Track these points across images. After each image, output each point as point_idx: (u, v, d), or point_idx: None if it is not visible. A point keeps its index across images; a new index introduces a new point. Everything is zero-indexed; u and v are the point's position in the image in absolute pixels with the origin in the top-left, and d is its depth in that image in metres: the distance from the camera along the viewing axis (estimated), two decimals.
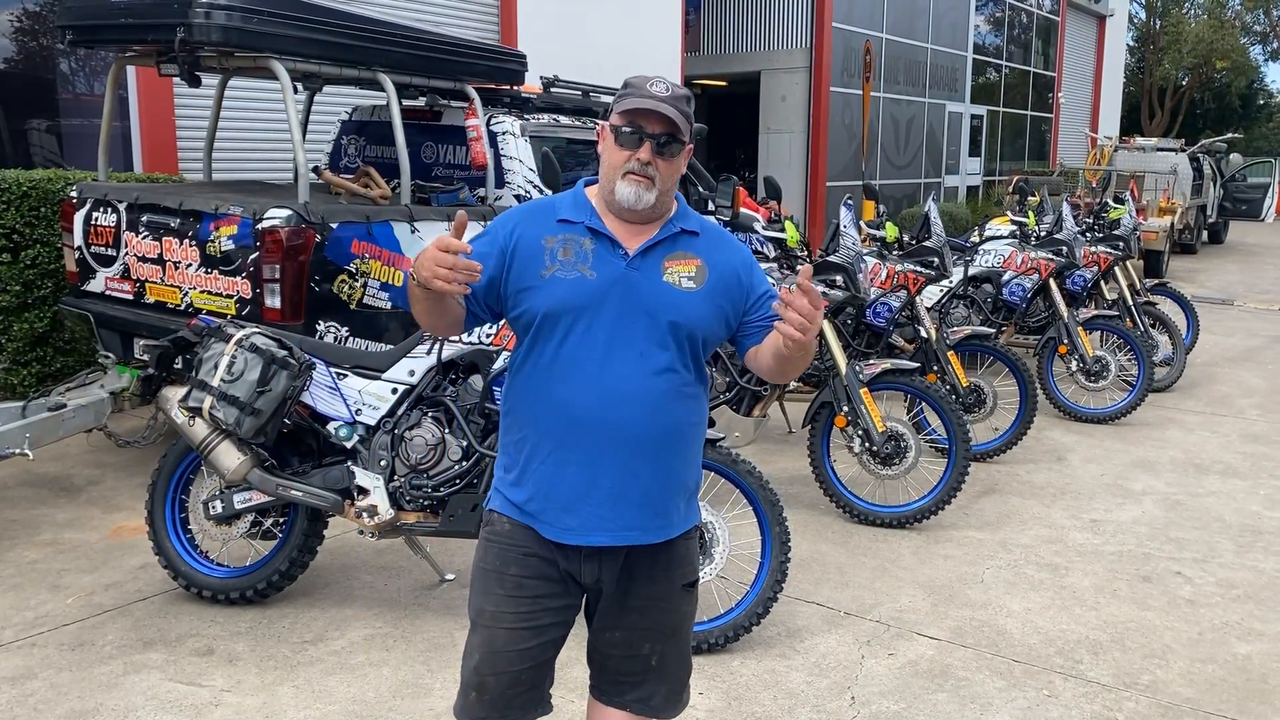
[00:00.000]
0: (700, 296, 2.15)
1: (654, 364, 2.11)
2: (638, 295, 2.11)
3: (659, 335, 2.11)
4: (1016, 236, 7.49)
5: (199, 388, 3.65)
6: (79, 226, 5.53)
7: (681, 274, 2.15)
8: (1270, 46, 41.36)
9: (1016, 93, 22.61)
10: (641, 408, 2.11)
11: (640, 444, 2.12)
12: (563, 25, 10.59)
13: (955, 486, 4.92)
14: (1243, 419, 7.19)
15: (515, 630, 2.16)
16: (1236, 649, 3.82)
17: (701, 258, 2.18)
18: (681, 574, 2.26)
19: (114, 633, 3.73)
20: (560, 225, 2.15)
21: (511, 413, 2.20)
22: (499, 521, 2.20)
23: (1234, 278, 15.48)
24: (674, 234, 2.17)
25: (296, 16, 5.07)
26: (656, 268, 2.14)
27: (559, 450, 2.12)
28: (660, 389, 2.12)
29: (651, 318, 2.11)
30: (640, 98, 2.10)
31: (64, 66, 7.86)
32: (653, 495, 2.15)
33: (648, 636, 2.25)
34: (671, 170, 2.14)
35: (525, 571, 2.16)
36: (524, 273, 2.12)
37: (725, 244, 2.25)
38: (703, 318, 2.15)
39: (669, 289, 2.13)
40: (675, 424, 2.15)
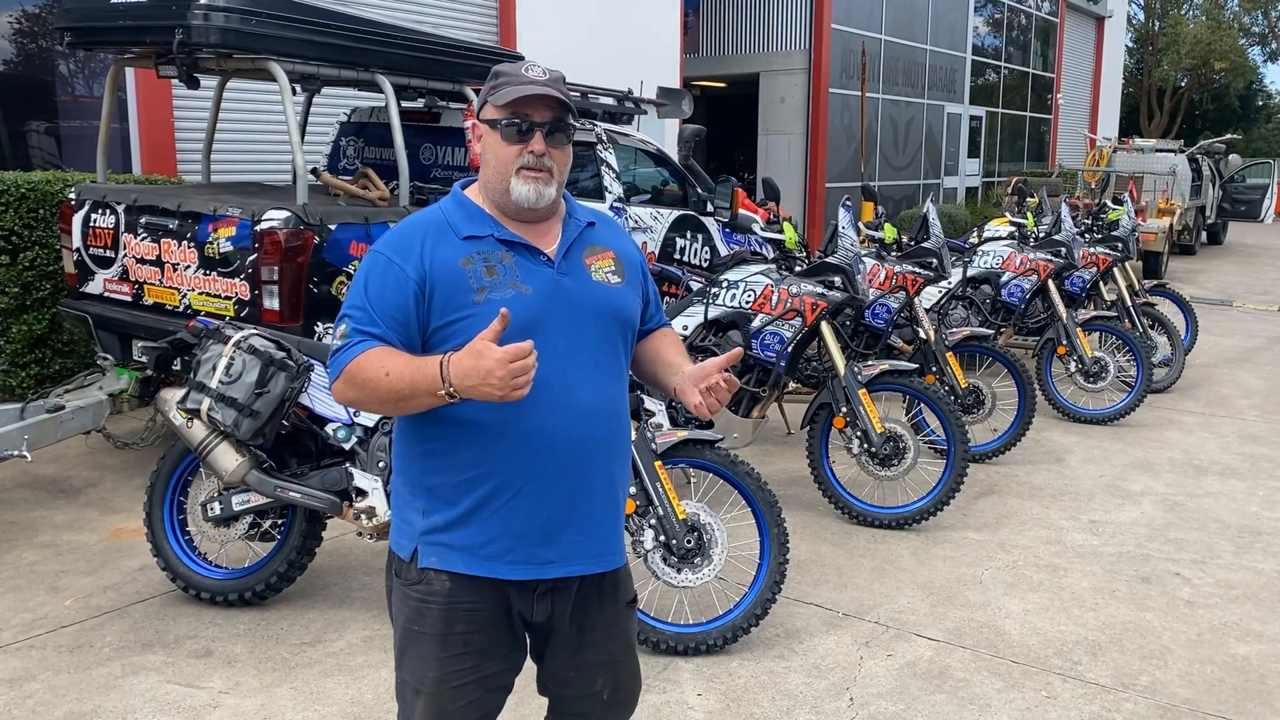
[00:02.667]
0: (627, 289, 2.06)
1: (609, 372, 2.01)
2: (577, 301, 1.97)
3: (608, 340, 2.00)
4: (1015, 238, 7.49)
5: (197, 389, 3.64)
6: (77, 228, 5.53)
7: (605, 269, 2.03)
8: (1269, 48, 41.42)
9: (1015, 94, 22.63)
10: (609, 421, 2.00)
11: (613, 460, 2.03)
12: (561, 26, 10.60)
13: (954, 487, 4.92)
14: (1241, 420, 7.19)
15: (464, 687, 2.00)
16: (1235, 650, 3.82)
17: (612, 249, 2.08)
18: (625, 593, 2.15)
19: (112, 634, 3.73)
20: (468, 243, 1.94)
21: (449, 452, 1.94)
22: (436, 580, 1.96)
23: (1233, 279, 15.48)
24: (581, 229, 2.05)
25: (295, 18, 5.07)
26: (581, 268, 2.01)
27: (531, 483, 1.93)
28: (618, 398, 2.03)
29: (598, 322, 1.98)
30: (520, 85, 1.93)
31: (63, 68, 7.86)
32: (618, 513, 2.07)
33: (601, 670, 2.12)
34: (565, 159, 1.99)
35: (472, 627, 1.98)
36: (450, 303, 1.90)
37: (620, 231, 2.16)
38: (634, 311, 2.08)
39: (602, 288, 2.01)
40: (627, 432, 2.09)
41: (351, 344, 1.90)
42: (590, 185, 6.63)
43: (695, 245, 7.34)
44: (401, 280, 1.90)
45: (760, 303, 4.97)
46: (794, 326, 4.89)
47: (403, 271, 1.90)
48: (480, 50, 6.39)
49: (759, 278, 5.03)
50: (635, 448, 3.53)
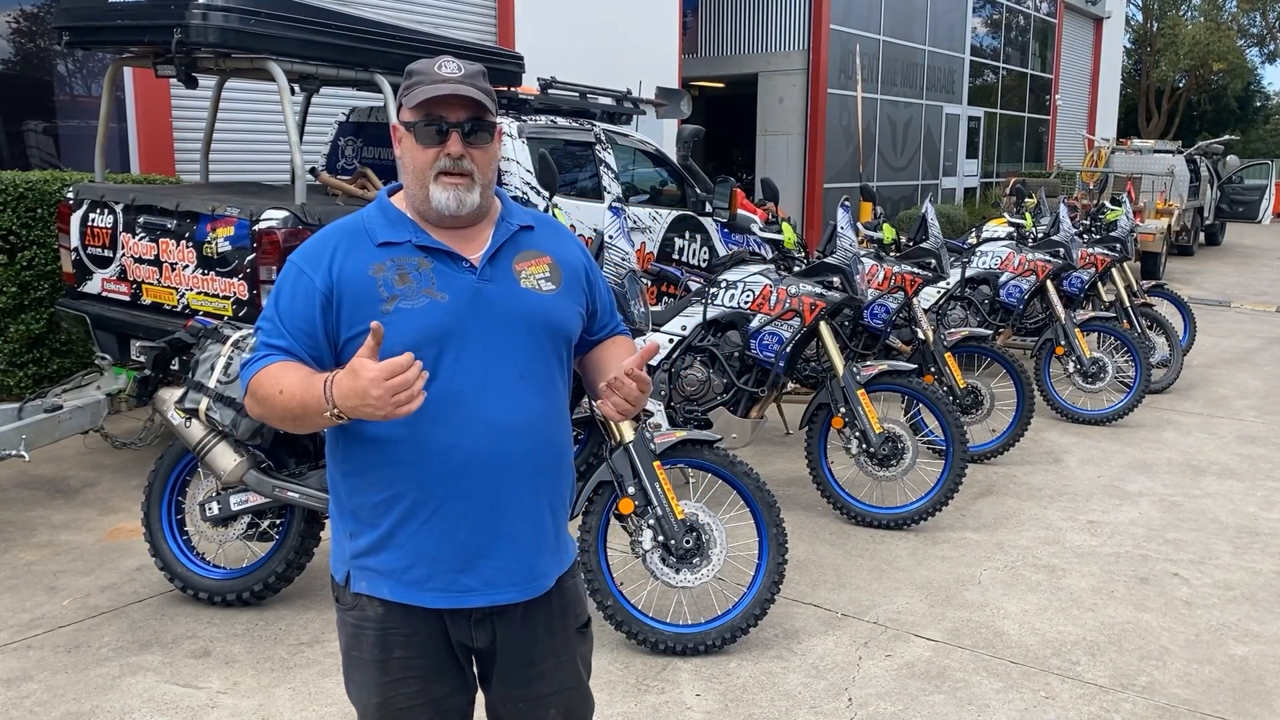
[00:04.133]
0: (561, 297, 1.93)
1: (536, 384, 1.88)
2: (500, 309, 1.85)
3: (535, 350, 1.88)
4: (1014, 238, 7.50)
5: (195, 389, 3.64)
6: (75, 228, 5.52)
7: (537, 275, 1.90)
8: (1267, 49, 41.45)
9: (1014, 95, 22.64)
10: (535, 437, 1.87)
11: (539, 479, 1.89)
12: (560, 27, 10.60)
13: (952, 488, 4.92)
14: (1239, 420, 7.19)
15: (413, 708, 1.91)
16: (1233, 650, 3.82)
17: (550, 254, 1.95)
18: (576, 616, 2.03)
19: (110, 635, 3.72)
20: (383, 250, 1.84)
21: (366, 471, 1.85)
22: (369, 605, 1.88)
23: (1231, 279, 15.50)
24: (514, 233, 1.92)
25: (293, 18, 5.07)
26: (509, 274, 1.88)
27: (447, 503, 1.82)
28: (547, 412, 1.90)
29: (524, 331, 1.86)
30: (432, 84, 1.81)
31: (61, 68, 7.85)
32: (550, 533, 1.94)
33: (553, 701, 2.00)
34: (488, 159, 1.86)
35: (411, 652, 1.89)
36: (357, 313, 1.80)
37: (563, 235, 2.02)
38: (570, 320, 1.94)
39: (531, 295, 1.88)
40: (562, 448, 1.95)
41: (257, 357, 1.83)
42: (589, 185, 6.63)
43: (694, 245, 7.34)
44: (309, 290, 1.82)
45: (759, 303, 4.97)
46: (792, 327, 4.89)
47: (311, 281, 1.82)
48: (478, 50, 6.39)
49: (757, 278, 5.03)
50: (634, 448, 3.54)
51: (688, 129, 7.86)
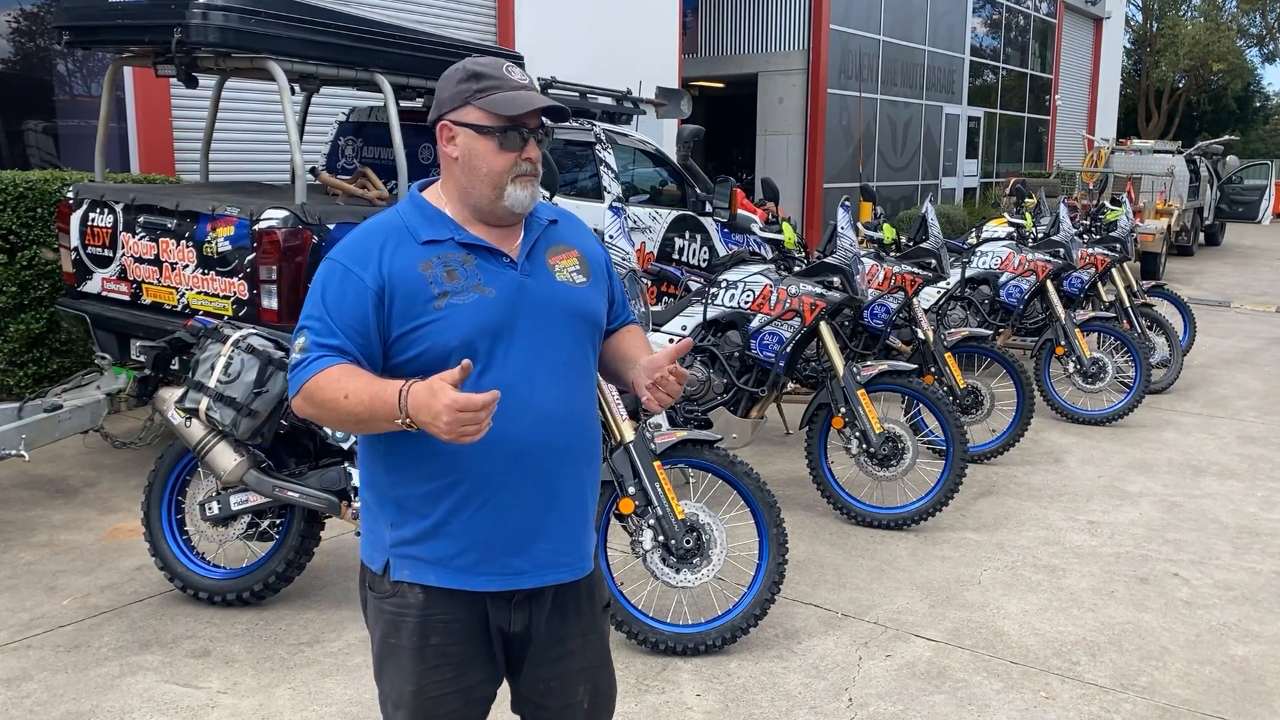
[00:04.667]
0: (592, 289, 2.01)
1: (578, 374, 1.96)
2: (542, 303, 1.91)
3: (576, 341, 1.96)
4: (1014, 238, 7.50)
5: (196, 389, 3.64)
6: (75, 227, 5.52)
7: (569, 269, 1.98)
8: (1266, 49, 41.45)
9: (1014, 95, 22.65)
10: (580, 425, 1.96)
11: (583, 463, 1.98)
12: (560, 26, 10.59)
13: (952, 488, 4.92)
14: (1239, 421, 7.19)
15: (443, 698, 1.96)
16: (1234, 650, 3.82)
17: (577, 248, 2.03)
18: (600, 597, 2.11)
19: (110, 634, 3.72)
20: (428, 247, 1.88)
21: (414, 462, 1.89)
22: (409, 592, 1.92)
23: (1230, 280, 15.50)
24: (544, 227, 2.00)
25: (294, 18, 5.06)
26: (545, 268, 1.95)
27: (501, 490, 1.88)
28: (588, 399, 1.99)
29: (564, 323, 1.93)
30: (512, 92, 1.86)
31: (61, 67, 7.85)
32: (589, 518, 2.02)
33: (581, 679, 2.06)
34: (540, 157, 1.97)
35: (448, 640, 1.93)
36: (409, 310, 1.83)
37: (583, 230, 2.10)
38: (601, 309, 2.04)
39: (567, 289, 1.96)
40: (598, 433, 2.04)
41: (311, 359, 1.84)
42: (589, 185, 6.63)
43: (694, 245, 7.34)
44: (359, 289, 1.83)
45: (759, 303, 4.97)
46: (793, 327, 4.89)
47: (360, 280, 1.84)
48: (479, 50, 6.39)
49: (758, 278, 5.03)
50: (634, 448, 3.53)
51: (688, 129, 7.87)
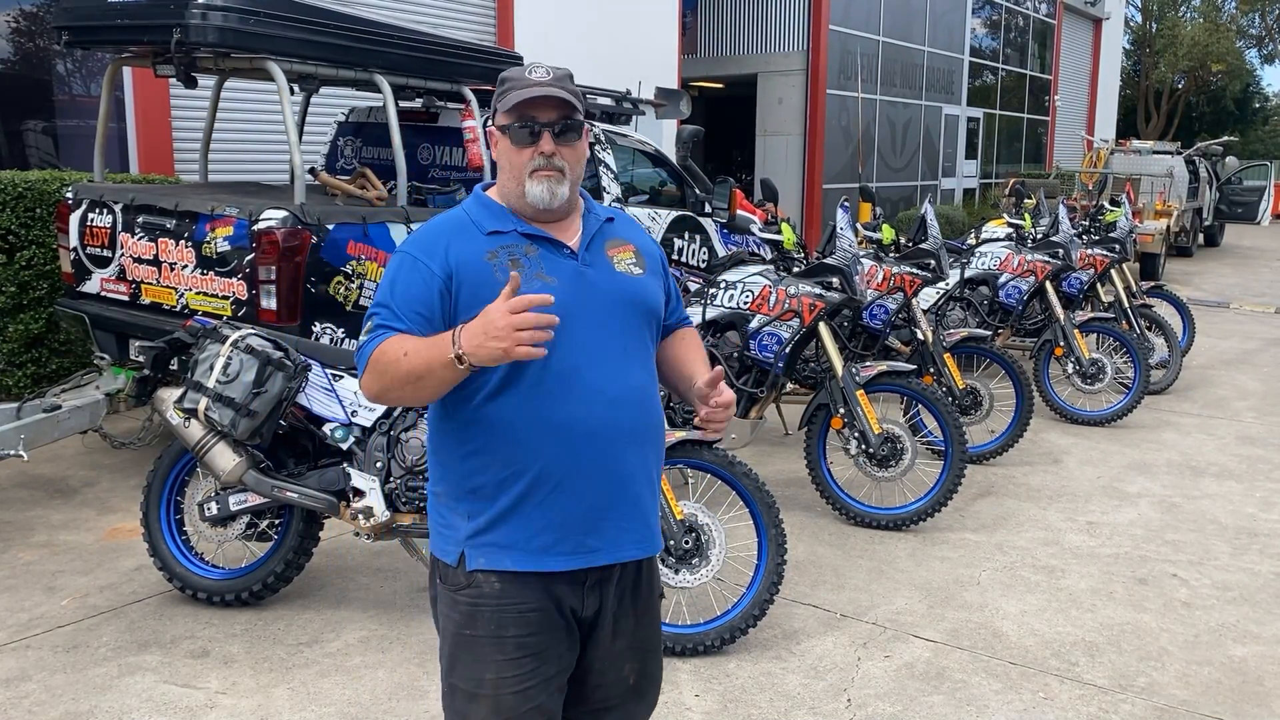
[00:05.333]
0: (650, 279, 2.11)
1: (638, 359, 2.04)
2: (602, 291, 1.99)
3: (634, 328, 2.03)
4: (1013, 239, 7.50)
5: (194, 389, 3.64)
6: (74, 228, 5.52)
7: (627, 261, 2.06)
8: (1266, 50, 41.47)
9: (1013, 95, 22.65)
10: (642, 407, 2.02)
11: (648, 445, 2.05)
12: (560, 27, 10.59)
13: (951, 488, 4.92)
14: (1238, 421, 7.19)
15: (525, 691, 1.98)
16: (1232, 651, 3.82)
17: (633, 242, 2.12)
18: (658, 583, 2.20)
19: (109, 634, 3.72)
20: (492, 238, 1.97)
21: (487, 450, 1.95)
22: (485, 582, 1.96)
23: (1230, 280, 15.50)
24: (601, 223, 2.09)
25: (293, 18, 5.06)
26: (604, 259, 2.03)
27: (571, 473, 1.94)
28: (648, 384, 2.06)
29: (624, 311, 2.01)
30: (524, 88, 1.95)
31: (60, 68, 7.85)
32: (650, 499, 2.07)
33: (629, 656, 2.10)
34: (577, 156, 2.00)
35: (525, 630, 1.97)
36: (476, 297, 1.89)
37: (636, 227, 2.21)
38: (658, 299, 2.13)
39: (626, 278, 2.04)
40: (660, 417, 2.10)
41: (373, 337, 1.93)
42: (588, 185, 6.63)
43: (693, 246, 7.34)
44: (427, 277, 1.93)
45: (758, 303, 4.97)
46: (792, 327, 4.89)
47: (428, 268, 1.93)
48: (478, 50, 6.39)
49: (757, 278, 5.03)
50: None
51: (687, 129, 7.87)
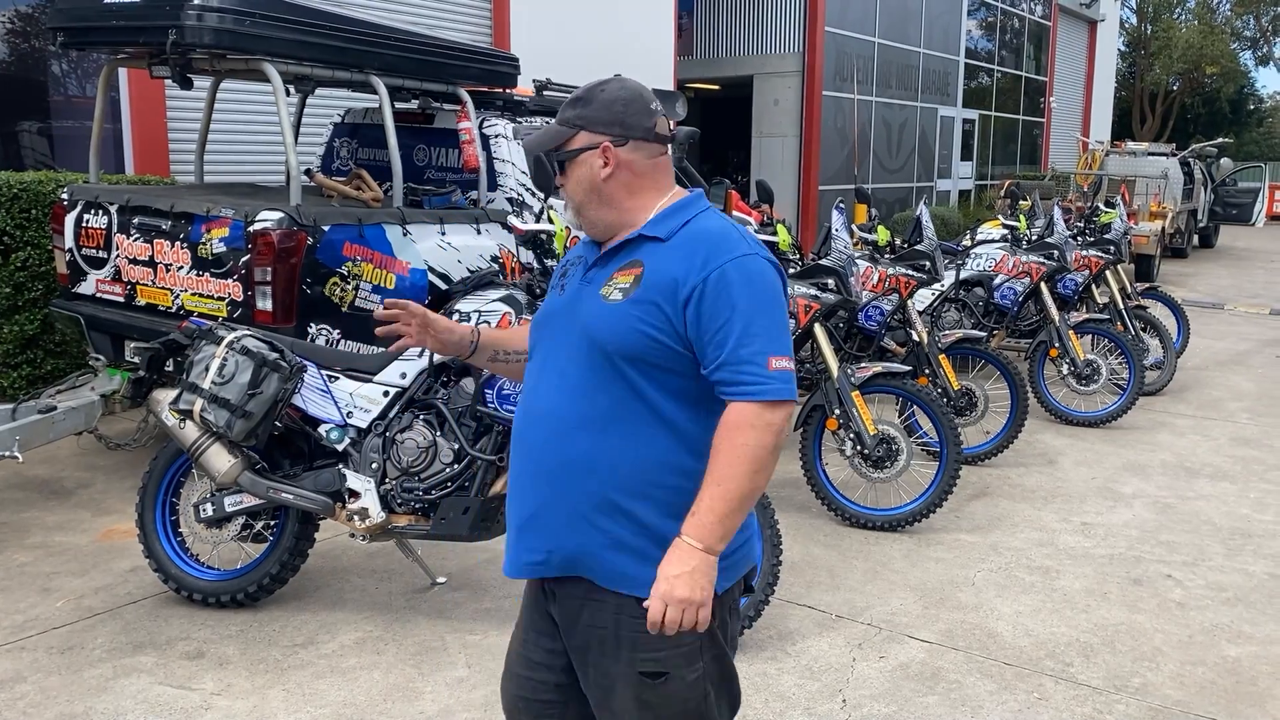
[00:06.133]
0: (621, 309, 1.88)
1: (568, 383, 1.93)
2: (575, 312, 1.96)
3: (579, 354, 1.92)
4: (1008, 240, 7.51)
5: (190, 390, 3.64)
6: (70, 229, 5.51)
7: (618, 285, 1.91)
8: (1260, 52, 41.53)
9: (1008, 97, 22.68)
10: (547, 431, 1.94)
11: (543, 470, 1.94)
12: (555, 28, 10.60)
13: (946, 489, 4.93)
14: (1233, 423, 7.21)
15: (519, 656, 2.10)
16: (1226, 651, 3.83)
17: (645, 265, 1.90)
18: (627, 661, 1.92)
19: (104, 636, 3.72)
20: (579, 249, 2.11)
21: None
22: None
23: (1224, 282, 15.53)
24: (628, 242, 1.95)
25: (289, 19, 5.06)
26: (601, 282, 1.94)
27: (513, 479, 2.02)
28: (569, 412, 1.92)
29: (576, 335, 1.93)
30: None
31: (55, 68, 7.84)
32: (553, 527, 1.93)
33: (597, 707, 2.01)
34: (574, 181, 1.97)
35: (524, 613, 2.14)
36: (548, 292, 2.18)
37: (685, 254, 1.89)
38: (616, 332, 1.87)
39: (598, 302, 1.91)
40: (567, 454, 1.91)
41: None
42: None
43: None
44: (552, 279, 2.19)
45: None
46: None
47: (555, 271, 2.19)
48: (474, 51, 6.40)
49: None
50: None
51: (683, 131, 7.85)
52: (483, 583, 4.23)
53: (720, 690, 2.01)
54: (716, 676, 1.98)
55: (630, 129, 1.94)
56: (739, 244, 1.89)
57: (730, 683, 2.04)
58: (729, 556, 1.95)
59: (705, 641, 1.93)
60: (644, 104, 1.97)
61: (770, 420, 1.83)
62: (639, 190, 1.97)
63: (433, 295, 5.34)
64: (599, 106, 1.96)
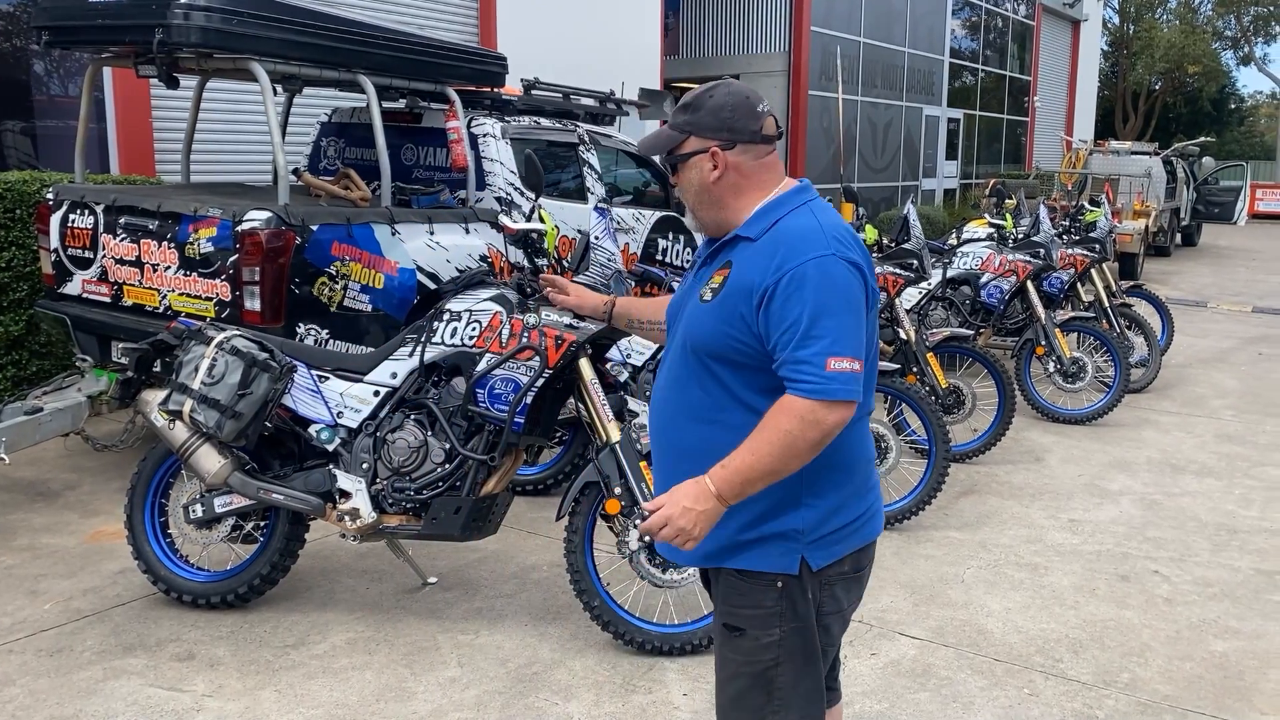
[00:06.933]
0: (710, 309, 2.02)
1: (671, 378, 2.12)
2: (683, 308, 2.14)
3: (678, 350, 2.11)
4: (994, 239, 7.54)
5: (179, 391, 3.63)
6: (55, 229, 5.47)
7: (710, 285, 2.05)
8: (1241, 51, 41.84)
9: (992, 97, 22.79)
10: (658, 419, 2.16)
11: (665, 455, 2.16)
12: (541, 28, 10.59)
13: (935, 487, 4.95)
14: (1217, 420, 7.26)
15: None
16: (1213, 646, 3.86)
17: (734, 266, 2.02)
18: (723, 612, 2.13)
19: (93, 638, 3.70)
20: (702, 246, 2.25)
21: None
22: None
23: (1206, 280, 15.64)
24: (726, 242, 2.08)
25: (276, 18, 5.05)
26: (704, 281, 2.09)
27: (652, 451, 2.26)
28: (672, 403, 2.12)
29: (681, 331, 2.11)
30: None
31: (38, 68, 7.79)
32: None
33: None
34: (685, 182, 2.09)
35: None
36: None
37: (766, 255, 1.97)
38: (702, 331, 2.03)
39: (693, 303, 2.08)
40: (681, 443, 2.10)
41: None
42: (572, 186, 6.63)
43: (677, 247, 7.36)
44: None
45: None
46: None
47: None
48: (462, 51, 6.39)
49: None
50: (620, 448, 3.55)
51: None
52: (474, 582, 4.23)
53: (799, 668, 2.07)
54: (797, 651, 2.06)
55: (738, 133, 2.02)
56: (817, 244, 1.95)
57: (812, 664, 2.09)
58: (828, 535, 2.05)
59: (785, 609, 2.04)
60: (750, 107, 2.04)
61: (820, 418, 1.90)
62: (745, 190, 2.06)
63: (421, 294, 5.33)
64: (707, 113, 2.04)
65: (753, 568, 2.05)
